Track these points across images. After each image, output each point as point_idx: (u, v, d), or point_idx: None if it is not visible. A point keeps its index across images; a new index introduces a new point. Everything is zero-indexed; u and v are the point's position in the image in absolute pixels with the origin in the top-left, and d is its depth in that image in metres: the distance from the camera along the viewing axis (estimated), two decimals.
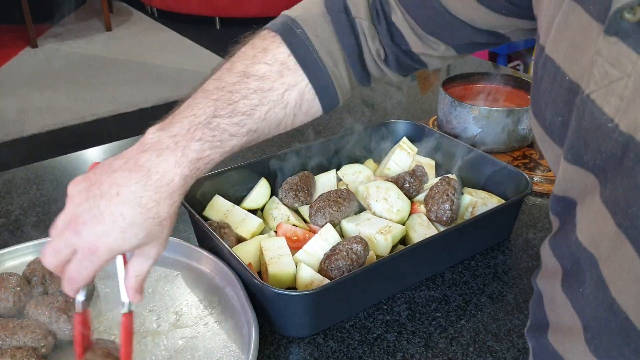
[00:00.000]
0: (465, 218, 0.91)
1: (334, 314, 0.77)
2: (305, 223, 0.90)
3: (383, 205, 0.89)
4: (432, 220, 0.89)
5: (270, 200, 0.93)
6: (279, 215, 0.89)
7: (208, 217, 0.89)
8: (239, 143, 0.60)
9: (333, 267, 0.76)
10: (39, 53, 4.38)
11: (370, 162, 1.05)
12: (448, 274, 0.86)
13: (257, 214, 0.92)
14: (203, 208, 0.89)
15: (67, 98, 3.69)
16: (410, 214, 0.91)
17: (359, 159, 1.05)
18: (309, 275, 0.77)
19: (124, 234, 0.54)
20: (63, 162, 1.16)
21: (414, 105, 1.42)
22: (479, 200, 0.91)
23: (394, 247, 0.85)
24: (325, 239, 0.82)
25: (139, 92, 3.80)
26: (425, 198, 0.91)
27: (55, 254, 0.56)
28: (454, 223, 0.88)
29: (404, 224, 0.88)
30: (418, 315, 0.79)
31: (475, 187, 0.97)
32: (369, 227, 0.85)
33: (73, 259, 0.55)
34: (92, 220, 0.54)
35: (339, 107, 0.68)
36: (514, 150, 1.17)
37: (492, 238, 0.92)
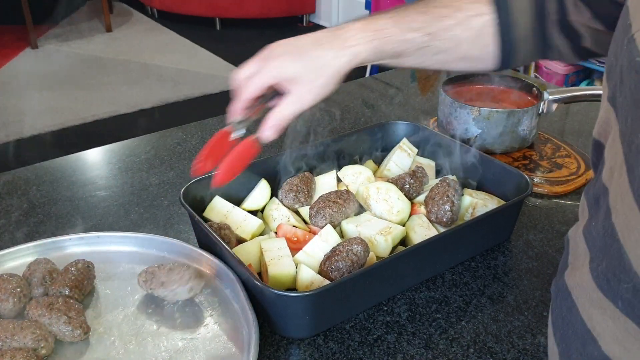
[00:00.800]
0: (466, 219, 0.91)
1: (334, 315, 0.77)
2: (306, 224, 0.90)
3: (383, 206, 0.89)
4: (432, 222, 0.89)
5: (271, 201, 0.93)
6: (279, 216, 0.89)
7: (208, 218, 0.89)
8: (418, 39, 0.70)
9: (333, 268, 0.76)
10: (39, 54, 4.39)
11: (371, 163, 1.05)
12: (448, 275, 0.86)
13: (257, 215, 0.92)
14: (203, 209, 0.90)
15: (67, 99, 3.69)
16: (411, 215, 0.91)
17: (359, 160, 1.05)
18: (309, 276, 0.77)
19: (286, 57, 0.69)
20: (63, 162, 1.16)
21: (414, 106, 1.42)
22: (479, 202, 0.91)
23: (394, 248, 0.85)
24: (326, 240, 0.82)
25: (139, 92, 3.80)
26: (426, 199, 0.91)
27: (240, 72, 0.71)
28: (454, 224, 0.88)
29: (404, 225, 0.88)
30: (418, 317, 0.79)
31: (476, 188, 0.97)
32: (369, 228, 0.85)
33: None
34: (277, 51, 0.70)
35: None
36: (514, 151, 1.17)
37: (492, 239, 0.92)
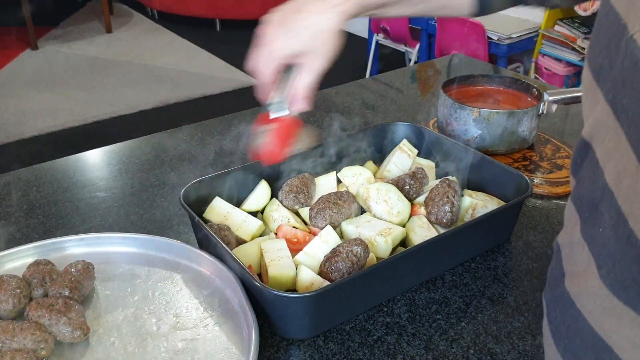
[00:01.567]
0: (466, 220, 0.91)
1: (334, 316, 0.77)
2: (306, 225, 0.90)
3: (383, 207, 0.89)
4: (432, 222, 0.89)
5: (271, 202, 0.93)
6: (279, 217, 0.89)
7: (208, 219, 0.89)
8: None
9: (333, 269, 0.76)
10: (40, 55, 4.39)
11: (370, 164, 1.05)
12: (448, 276, 0.86)
13: (257, 216, 0.92)
14: (203, 210, 0.89)
15: (67, 100, 3.69)
16: (411, 216, 0.91)
17: (359, 161, 1.05)
18: (309, 277, 0.77)
19: (288, 33, 0.72)
20: (63, 164, 1.16)
21: (414, 107, 1.42)
22: (479, 202, 0.91)
23: (394, 249, 0.85)
24: (326, 241, 0.82)
25: (140, 93, 3.80)
26: (426, 200, 0.91)
27: (254, 60, 0.74)
28: (454, 225, 0.88)
29: (404, 226, 0.88)
30: (418, 318, 0.79)
31: (476, 189, 0.97)
32: (369, 229, 0.85)
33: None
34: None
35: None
36: (514, 152, 1.17)
37: (492, 240, 0.92)
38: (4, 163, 2.96)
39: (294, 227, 0.87)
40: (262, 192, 0.94)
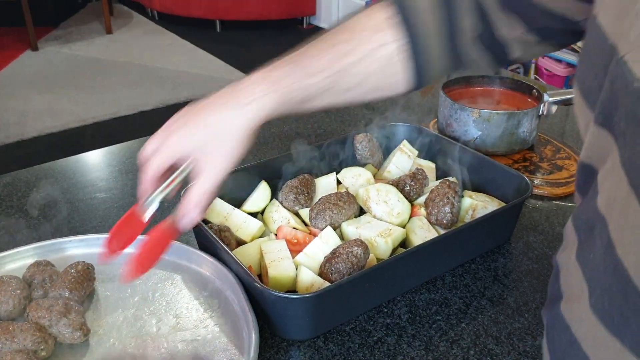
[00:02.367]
0: (466, 221, 0.91)
1: (334, 317, 0.77)
2: (306, 226, 0.90)
3: (383, 208, 0.89)
4: (432, 223, 0.89)
5: (271, 203, 0.93)
6: (279, 218, 0.89)
7: (208, 220, 0.89)
8: (321, 83, 0.65)
9: (333, 270, 0.76)
10: (40, 56, 4.39)
11: (370, 165, 1.05)
12: (448, 277, 0.86)
13: (257, 217, 0.92)
14: None
15: (67, 101, 3.69)
16: (411, 217, 0.91)
17: (359, 162, 1.05)
18: (310, 278, 0.77)
19: (189, 132, 0.65)
20: (63, 164, 1.16)
21: (414, 108, 1.41)
22: (480, 203, 0.91)
23: (394, 250, 0.85)
24: (326, 242, 0.82)
25: (140, 94, 3.80)
26: (426, 201, 0.91)
27: (146, 150, 0.69)
28: (455, 226, 0.88)
29: (405, 227, 0.88)
30: (418, 319, 0.78)
31: (476, 189, 0.97)
32: (369, 230, 0.85)
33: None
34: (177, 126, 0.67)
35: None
36: (515, 153, 1.17)
37: (492, 241, 0.92)
38: (4, 164, 2.96)
39: (294, 228, 0.87)
40: (262, 193, 0.94)
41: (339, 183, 0.99)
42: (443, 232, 0.88)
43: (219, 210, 0.89)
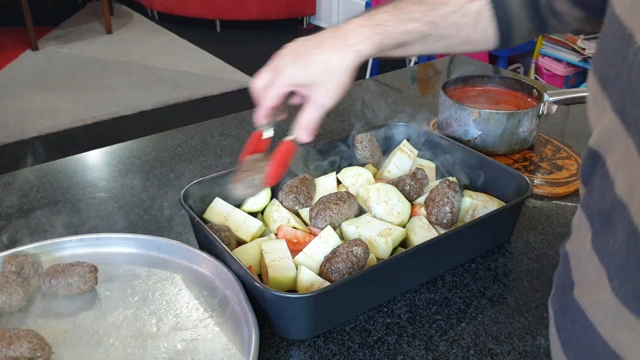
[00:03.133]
0: (466, 221, 0.91)
1: (335, 317, 0.77)
2: (306, 226, 0.90)
3: (383, 208, 0.89)
4: (432, 223, 0.89)
5: (271, 203, 0.93)
6: (279, 218, 0.89)
7: (208, 219, 0.89)
8: (419, 29, 0.72)
9: (333, 269, 0.76)
10: (40, 55, 4.39)
11: (370, 165, 1.05)
12: (448, 277, 0.86)
13: (257, 217, 0.92)
14: (203, 211, 0.89)
15: (67, 100, 3.69)
16: (411, 217, 0.91)
17: (359, 162, 1.05)
18: (310, 278, 0.77)
19: (297, 66, 0.72)
20: (63, 164, 1.16)
21: (415, 108, 1.42)
22: (480, 203, 0.91)
23: (394, 249, 0.85)
24: (326, 242, 0.82)
25: (140, 94, 3.80)
26: (426, 201, 0.91)
27: (259, 80, 0.75)
28: (455, 226, 0.88)
29: (405, 227, 0.88)
30: (418, 318, 0.78)
31: (476, 189, 0.97)
32: (369, 229, 0.85)
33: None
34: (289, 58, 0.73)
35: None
36: (515, 153, 1.17)
37: (492, 241, 0.92)
38: (4, 163, 2.96)
39: (294, 227, 0.87)
40: (262, 192, 0.93)
41: (339, 183, 0.99)
42: (443, 231, 0.88)
43: (219, 210, 0.89)
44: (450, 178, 0.96)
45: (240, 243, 0.86)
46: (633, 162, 0.42)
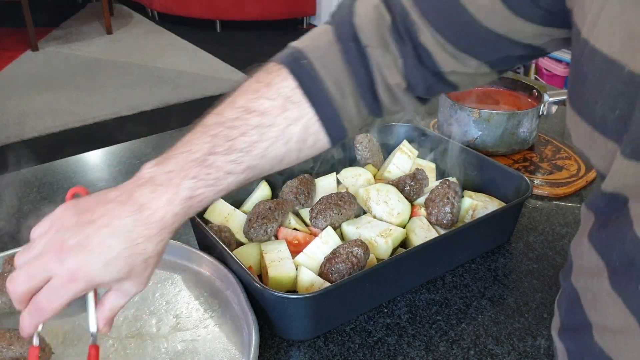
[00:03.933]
0: (466, 221, 0.91)
1: (335, 317, 0.77)
2: (306, 226, 0.90)
3: (383, 209, 0.89)
4: (432, 223, 0.89)
5: None
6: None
7: (208, 220, 0.89)
8: (236, 181, 0.58)
9: (333, 270, 0.76)
10: (40, 56, 4.39)
11: (370, 165, 1.05)
12: (448, 277, 0.86)
13: None
14: (203, 211, 0.89)
15: (67, 101, 3.69)
16: (411, 217, 0.91)
17: (359, 162, 1.05)
18: (310, 278, 0.77)
19: (108, 267, 0.52)
20: (64, 164, 1.16)
21: (414, 109, 1.41)
22: (480, 203, 0.91)
23: (395, 250, 0.85)
24: (326, 242, 0.82)
25: (140, 94, 3.80)
26: (426, 201, 0.91)
27: (29, 279, 0.53)
28: (455, 226, 0.88)
29: (405, 227, 0.88)
30: (419, 319, 0.78)
31: (476, 190, 0.97)
32: (370, 230, 0.85)
33: (46, 287, 0.53)
34: (77, 248, 0.52)
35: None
36: (515, 153, 1.17)
37: (492, 241, 0.92)
38: (5, 164, 2.96)
39: (295, 228, 0.87)
40: (262, 193, 0.93)
41: (339, 183, 0.99)
42: (443, 232, 0.88)
43: (220, 211, 0.89)
44: (450, 178, 0.96)
45: (240, 244, 0.86)
46: None
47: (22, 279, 0.53)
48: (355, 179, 0.97)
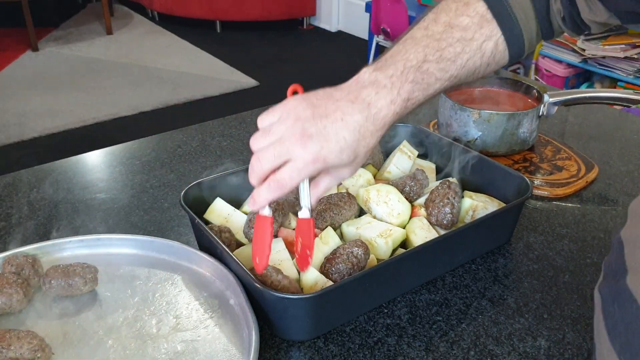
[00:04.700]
0: (466, 221, 0.91)
1: (335, 318, 0.77)
2: None
3: (383, 209, 0.89)
4: (432, 224, 0.89)
5: None
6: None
7: (209, 220, 0.89)
8: (441, 87, 0.69)
9: (333, 270, 0.76)
10: (40, 56, 4.40)
11: (370, 165, 1.05)
12: (448, 278, 0.86)
13: None
14: (203, 212, 0.89)
15: (67, 101, 3.69)
16: (411, 218, 0.91)
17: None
18: (314, 277, 0.77)
19: (341, 154, 0.63)
20: (64, 165, 1.16)
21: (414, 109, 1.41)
22: (480, 204, 0.91)
23: (395, 250, 0.85)
24: (326, 243, 0.82)
25: (140, 95, 3.80)
26: (426, 202, 0.91)
27: (276, 158, 0.63)
28: (455, 226, 0.88)
29: (405, 228, 0.88)
30: (419, 319, 0.78)
31: (476, 190, 0.97)
32: (370, 230, 0.85)
33: (287, 166, 0.63)
34: (317, 136, 0.62)
35: None
36: (515, 154, 1.17)
37: (492, 241, 0.92)
38: (4, 164, 2.96)
39: (295, 229, 0.87)
40: None
41: (339, 184, 0.99)
42: (443, 232, 0.88)
43: (220, 211, 0.89)
44: (450, 179, 0.96)
45: (240, 244, 0.86)
46: None
47: (269, 158, 0.63)
48: (355, 180, 0.98)
